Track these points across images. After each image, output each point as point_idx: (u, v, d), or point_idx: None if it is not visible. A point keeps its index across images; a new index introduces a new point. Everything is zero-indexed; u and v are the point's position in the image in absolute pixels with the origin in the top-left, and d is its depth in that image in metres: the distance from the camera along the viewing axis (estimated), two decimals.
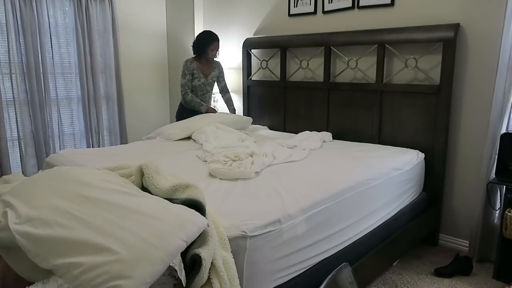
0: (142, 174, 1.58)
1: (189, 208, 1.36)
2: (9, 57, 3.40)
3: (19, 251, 1.29)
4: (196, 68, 3.55)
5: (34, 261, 1.25)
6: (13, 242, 1.29)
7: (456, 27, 2.61)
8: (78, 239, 1.21)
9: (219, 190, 1.86)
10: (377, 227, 2.25)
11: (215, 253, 1.33)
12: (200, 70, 3.57)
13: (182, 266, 1.23)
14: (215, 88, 3.86)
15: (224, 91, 3.80)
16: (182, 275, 1.22)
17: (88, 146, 3.99)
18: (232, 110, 3.79)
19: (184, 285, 1.23)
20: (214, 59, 3.69)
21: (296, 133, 3.57)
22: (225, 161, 2.23)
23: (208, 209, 1.44)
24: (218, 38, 3.56)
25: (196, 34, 4.28)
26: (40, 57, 3.56)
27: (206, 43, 3.52)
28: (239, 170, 2.07)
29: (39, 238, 1.25)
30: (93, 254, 1.17)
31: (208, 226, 1.33)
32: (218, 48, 3.60)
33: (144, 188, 1.57)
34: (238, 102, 4.20)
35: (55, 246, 1.23)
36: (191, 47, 3.61)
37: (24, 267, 1.33)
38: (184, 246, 1.23)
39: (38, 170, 3.62)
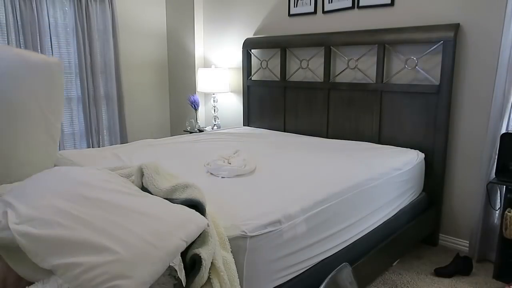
0: (142, 174, 1.58)
1: (189, 208, 1.36)
2: None
3: (19, 251, 1.29)
4: None
5: (34, 261, 1.25)
6: (13, 242, 1.29)
7: (456, 27, 2.61)
8: (78, 239, 1.21)
9: (219, 190, 1.86)
10: (377, 227, 2.25)
11: (215, 253, 1.33)
12: None
13: (182, 266, 1.23)
14: None
15: None
16: (182, 275, 1.22)
17: (88, 146, 3.99)
18: None
19: (184, 285, 1.23)
20: None
21: (297, 133, 3.58)
22: (223, 161, 2.24)
23: (208, 209, 1.44)
24: None
25: (196, 34, 4.30)
26: None
27: None
28: (239, 168, 2.10)
29: (39, 238, 1.25)
30: (93, 254, 1.17)
31: (208, 226, 1.33)
32: None
33: (144, 188, 1.57)
34: (238, 102, 4.21)
35: (55, 246, 1.22)
36: None
37: (24, 267, 1.33)
38: (184, 246, 1.23)
39: None
